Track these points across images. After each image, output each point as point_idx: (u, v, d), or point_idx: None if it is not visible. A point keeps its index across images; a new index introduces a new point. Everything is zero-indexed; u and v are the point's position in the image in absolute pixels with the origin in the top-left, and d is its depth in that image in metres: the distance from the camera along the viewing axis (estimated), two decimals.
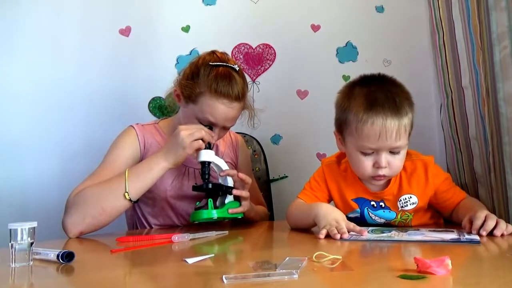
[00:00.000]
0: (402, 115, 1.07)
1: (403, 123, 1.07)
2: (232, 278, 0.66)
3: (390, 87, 1.12)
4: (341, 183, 1.23)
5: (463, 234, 0.99)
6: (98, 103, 1.78)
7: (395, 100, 1.08)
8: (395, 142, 1.07)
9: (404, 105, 1.09)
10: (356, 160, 1.13)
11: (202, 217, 1.23)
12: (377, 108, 1.06)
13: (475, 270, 0.76)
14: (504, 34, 1.24)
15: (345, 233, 0.99)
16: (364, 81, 1.15)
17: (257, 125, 1.72)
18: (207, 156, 1.25)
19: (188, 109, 1.30)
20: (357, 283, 0.68)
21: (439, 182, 1.18)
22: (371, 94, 1.09)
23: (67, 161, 1.74)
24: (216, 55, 1.32)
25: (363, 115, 1.06)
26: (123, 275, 0.81)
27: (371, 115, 1.06)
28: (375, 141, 1.07)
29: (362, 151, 1.10)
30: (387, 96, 1.08)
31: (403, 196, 1.17)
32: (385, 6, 1.92)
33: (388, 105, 1.06)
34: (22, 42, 1.75)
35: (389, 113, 1.06)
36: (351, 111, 1.09)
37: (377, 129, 1.05)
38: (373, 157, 1.10)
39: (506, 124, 1.25)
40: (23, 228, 0.82)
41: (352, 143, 1.12)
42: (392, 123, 1.05)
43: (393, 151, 1.09)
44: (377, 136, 1.06)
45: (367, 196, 1.20)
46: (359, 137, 1.08)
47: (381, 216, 1.19)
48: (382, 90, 1.10)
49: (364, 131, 1.07)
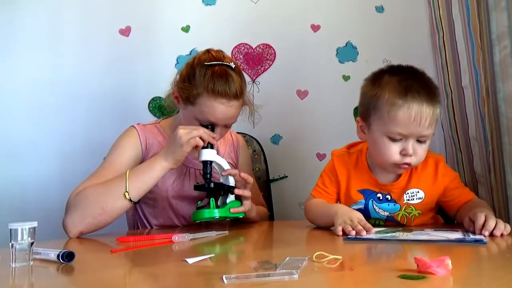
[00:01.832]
0: (436, 103, 1.10)
1: (437, 111, 1.10)
2: (233, 278, 0.66)
3: (423, 76, 1.14)
4: (351, 172, 1.24)
5: (468, 234, 0.98)
6: (98, 103, 1.78)
7: (430, 87, 1.10)
8: (426, 129, 1.08)
9: (438, 94, 1.12)
10: (382, 145, 1.12)
11: (203, 217, 1.23)
12: (414, 94, 1.07)
13: (475, 270, 0.77)
14: (504, 34, 1.24)
15: (361, 230, 1.02)
16: (394, 70, 1.16)
17: (257, 124, 1.72)
18: (209, 156, 1.25)
19: (187, 110, 1.30)
20: (357, 283, 0.68)
21: (448, 180, 1.19)
22: (405, 81, 1.10)
23: (67, 161, 1.74)
24: (211, 54, 1.30)
25: (399, 99, 1.07)
26: (123, 275, 0.81)
27: (408, 100, 1.06)
28: (407, 126, 1.07)
29: (391, 137, 1.10)
30: (422, 83, 1.10)
31: (410, 189, 1.18)
32: (385, 6, 1.92)
33: (424, 92, 1.08)
34: (22, 42, 1.75)
35: (424, 99, 1.07)
36: (383, 96, 1.09)
37: (412, 114, 1.06)
38: (400, 144, 1.10)
39: (506, 124, 1.25)
40: (23, 228, 0.82)
41: (380, 128, 1.11)
42: (427, 109, 1.07)
43: (421, 139, 1.10)
44: (411, 121, 1.06)
45: (375, 187, 1.21)
46: (391, 122, 1.08)
47: (385, 209, 1.20)
48: (415, 78, 1.11)
49: (398, 115, 1.07)
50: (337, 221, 1.08)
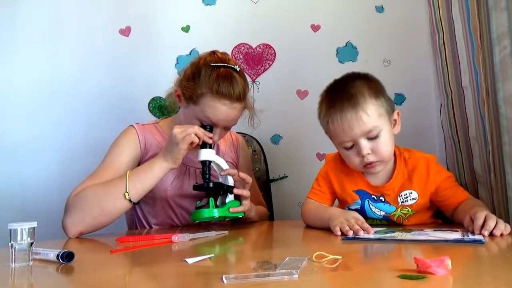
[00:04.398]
0: (359, 101, 1.11)
1: (364, 107, 1.11)
2: (232, 278, 0.66)
3: (348, 84, 1.16)
4: (343, 177, 1.26)
5: (467, 234, 0.98)
6: (98, 103, 1.79)
7: (349, 92, 1.13)
8: (359, 128, 1.11)
9: (360, 91, 1.13)
10: (344, 156, 1.19)
11: (203, 216, 1.23)
12: (334, 106, 1.13)
13: (475, 270, 0.76)
14: (504, 34, 1.24)
15: (359, 230, 1.03)
16: (329, 86, 1.22)
17: (257, 125, 1.72)
18: (208, 155, 1.25)
19: (189, 109, 1.30)
20: (357, 283, 0.68)
21: (440, 179, 1.20)
22: (331, 97, 1.17)
23: (67, 161, 1.74)
24: (217, 56, 1.32)
25: (324, 118, 1.16)
26: (123, 275, 0.81)
27: (330, 116, 1.14)
28: (344, 135, 1.13)
29: (343, 146, 1.16)
30: (343, 92, 1.14)
31: (403, 191, 1.20)
32: (385, 6, 1.92)
33: (342, 99, 1.12)
34: (22, 42, 1.75)
35: (344, 106, 1.11)
36: (321, 119, 1.19)
37: (338, 125, 1.12)
38: (355, 148, 1.15)
39: (506, 124, 1.24)
40: (23, 228, 0.82)
41: (335, 144, 1.20)
42: (348, 114, 1.11)
43: (370, 136, 1.12)
44: (342, 130, 1.12)
45: (368, 189, 1.23)
46: (333, 137, 1.17)
47: (381, 209, 1.21)
48: (340, 89, 1.16)
49: (331, 131, 1.16)
50: (333, 222, 1.09)
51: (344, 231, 1.04)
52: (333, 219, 1.10)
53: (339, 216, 1.11)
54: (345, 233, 1.03)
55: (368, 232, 1.03)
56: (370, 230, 1.04)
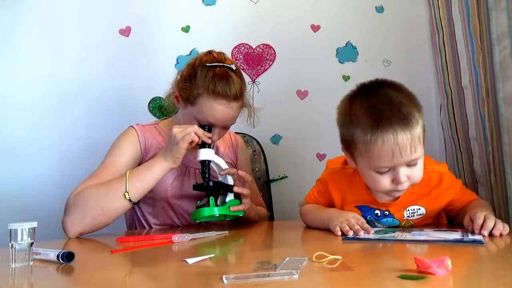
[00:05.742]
0: (413, 125, 0.98)
1: (416, 133, 0.98)
2: (232, 279, 0.66)
3: (392, 95, 1.01)
4: (346, 191, 1.18)
5: (467, 235, 0.98)
6: (98, 103, 1.79)
7: (401, 111, 0.98)
8: (410, 156, 0.98)
9: (413, 113, 0.99)
10: (372, 179, 1.05)
11: (203, 215, 1.23)
12: (384, 124, 0.96)
13: (475, 270, 0.77)
14: (504, 34, 1.24)
15: (359, 230, 1.01)
16: (362, 92, 1.06)
17: (257, 125, 1.72)
18: (207, 155, 1.25)
19: (187, 110, 1.30)
20: (357, 283, 0.68)
21: (453, 192, 1.15)
22: (374, 109, 0.99)
23: (67, 161, 1.74)
24: (212, 55, 1.31)
25: (371, 135, 0.97)
26: (123, 275, 0.81)
27: (380, 134, 0.96)
28: (389, 160, 0.98)
29: (378, 171, 1.02)
30: (392, 107, 0.98)
31: (411, 206, 1.14)
32: (385, 6, 1.92)
33: (396, 118, 0.97)
34: (22, 42, 1.75)
35: (398, 127, 0.96)
36: (356, 130, 1.01)
37: (389, 148, 0.96)
38: (390, 174, 1.02)
39: (506, 124, 1.25)
40: (23, 228, 0.82)
41: (365, 164, 1.04)
42: (404, 137, 0.96)
43: (410, 164, 1.01)
44: (391, 155, 0.97)
45: (373, 205, 1.15)
46: (371, 159, 1.00)
47: (384, 224, 1.17)
48: (385, 101, 1.00)
49: (375, 151, 0.98)
50: (334, 222, 1.08)
51: (344, 231, 1.03)
52: (333, 220, 1.09)
53: (339, 216, 1.09)
54: (345, 233, 1.02)
55: (368, 232, 1.03)
56: (370, 230, 1.04)
